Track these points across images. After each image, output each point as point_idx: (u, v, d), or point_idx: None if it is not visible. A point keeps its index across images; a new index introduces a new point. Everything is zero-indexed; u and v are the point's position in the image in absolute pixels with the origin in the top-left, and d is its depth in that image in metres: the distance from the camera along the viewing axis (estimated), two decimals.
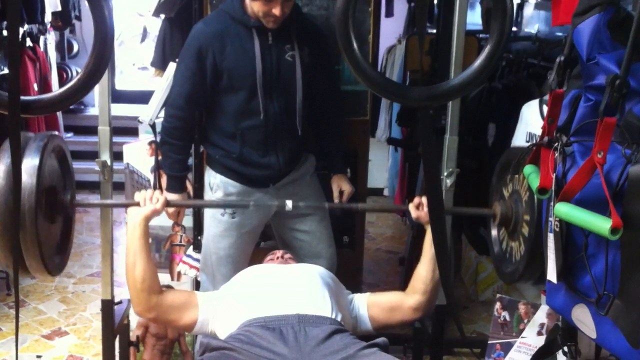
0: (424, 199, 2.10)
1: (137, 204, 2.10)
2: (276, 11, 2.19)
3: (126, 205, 2.22)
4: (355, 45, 1.38)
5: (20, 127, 1.39)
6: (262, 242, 2.78)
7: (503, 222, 1.98)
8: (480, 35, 3.87)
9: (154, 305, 2.02)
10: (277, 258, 2.24)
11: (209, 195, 2.49)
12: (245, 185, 2.42)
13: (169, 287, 2.87)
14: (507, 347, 2.43)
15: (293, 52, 2.33)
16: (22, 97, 1.35)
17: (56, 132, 1.92)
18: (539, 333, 2.32)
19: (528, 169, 1.59)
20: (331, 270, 2.24)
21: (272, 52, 2.31)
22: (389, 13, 4.39)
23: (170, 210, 2.42)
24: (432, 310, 2.20)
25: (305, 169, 2.53)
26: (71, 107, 6.15)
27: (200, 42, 2.29)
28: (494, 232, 2.08)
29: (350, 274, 2.75)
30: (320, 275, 2.08)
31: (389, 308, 2.13)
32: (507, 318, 2.50)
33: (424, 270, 2.13)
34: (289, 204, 2.11)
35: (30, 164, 1.80)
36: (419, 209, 2.15)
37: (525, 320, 2.42)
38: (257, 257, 2.55)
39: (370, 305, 2.13)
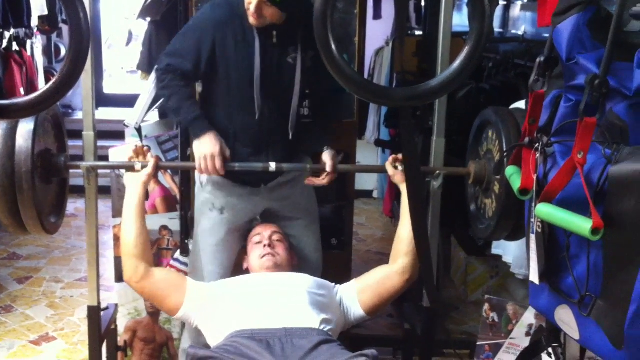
0: (401, 155, 2.11)
1: (132, 167, 2.19)
2: (251, 5, 2.10)
3: (118, 167, 2.34)
4: (333, 46, 1.38)
5: None
6: None
7: (477, 181, 2.11)
8: None
9: (143, 274, 2.08)
10: (264, 246, 2.21)
11: (199, 191, 2.46)
12: (236, 183, 2.39)
13: None
14: (496, 348, 2.43)
15: (295, 55, 2.26)
16: None
17: None
18: (528, 334, 2.32)
19: (510, 170, 1.59)
20: (315, 276, 2.21)
21: (274, 52, 2.24)
22: (377, 15, 4.39)
23: None
24: (418, 274, 2.18)
25: (300, 173, 2.50)
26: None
27: (203, 26, 2.23)
28: (470, 190, 2.23)
29: (339, 275, 2.73)
30: (309, 287, 2.07)
31: (377, 284, 2.15)
32: (496, 319, 2.50)
33: (405, 230, 2.14)
34: (272, 165, 2.21)
35: (25, 128, 1.92)
36: (397, 168, 2.18)
37: (514, 321, 2.42)
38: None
39: (360, 291, 2.15)
